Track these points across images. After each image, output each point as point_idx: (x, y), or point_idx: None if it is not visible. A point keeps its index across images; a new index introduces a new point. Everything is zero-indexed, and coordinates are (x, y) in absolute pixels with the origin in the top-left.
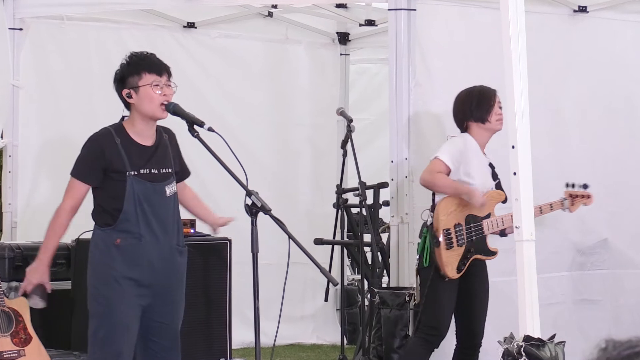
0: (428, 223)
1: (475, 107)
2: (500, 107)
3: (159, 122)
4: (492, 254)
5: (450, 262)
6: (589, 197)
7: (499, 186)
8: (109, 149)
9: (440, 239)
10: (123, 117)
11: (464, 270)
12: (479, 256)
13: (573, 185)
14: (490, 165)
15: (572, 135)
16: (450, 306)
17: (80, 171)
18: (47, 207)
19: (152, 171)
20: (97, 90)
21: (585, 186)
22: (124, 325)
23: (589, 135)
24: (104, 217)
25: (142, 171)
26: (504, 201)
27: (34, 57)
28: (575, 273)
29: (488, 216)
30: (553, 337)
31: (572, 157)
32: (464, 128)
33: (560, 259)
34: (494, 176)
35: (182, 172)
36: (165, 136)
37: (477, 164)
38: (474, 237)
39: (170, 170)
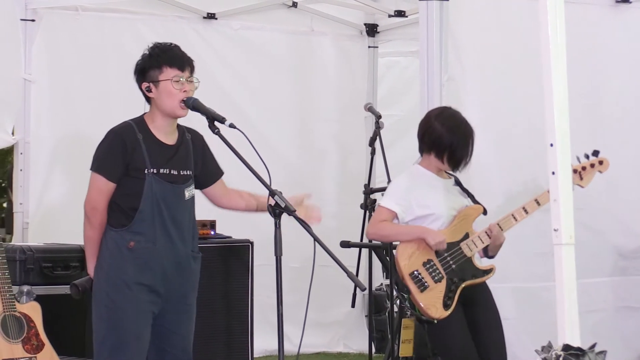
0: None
1: (451, 152)
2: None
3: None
4: (486, 273)
5: (431, 303)
6: (601, 162)
7: (474, 200)
8: (131, 144)
9: (409, 285)
10: (144, 112)
11: (454, 304)
12: (469, 282)
13: (588, 157)
14: (457, 182)
15: (612, 132)
16: (464, 336)
17: (103, 166)
18: (60, 207)
19: (172, 172)
20: (112, 84)
21: (595, 153)
22: (135, 333)
23: (630, 132)
24: (118, 216)
25: (162, 170)
26: (485, 213)
27: (46, 50)
28: (616, 278)
29: (467, 236)
30: (594, 346)
31: (612, 156)
32: (420, 153)
33: (601, 264)
34: (465, 192)
35: (212, 174)
36: (187, 136)
37: (434, 192)
38: (453, 266)
39: (190, 173)
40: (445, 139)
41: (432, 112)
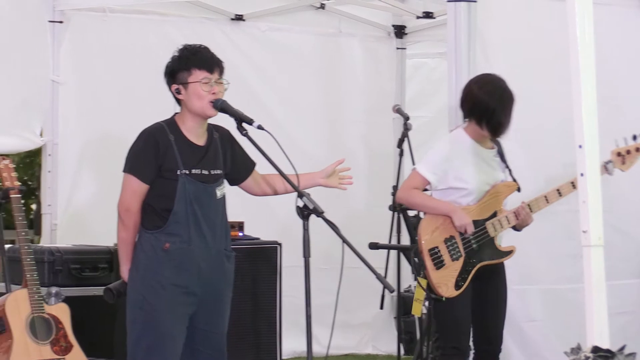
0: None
1: (488, 117)
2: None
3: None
4: (505, 254)
5: (443, 281)
6: None
7: (512, 177)
8: (164, 145)
9: (426, 260)
10: (175, 113)
11: (465, 284)
12: (486, 263)
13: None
14: (500, 153)
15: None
16: (465, 321)
17: (135, 167)
18: (88, 209)
19: (203, 172)
20: (140, 85)
21: (635, 137)
22: (170, 335)
23: None
24: (152, 218)
25: (193, 171)
26: (518, 190)
27: (74, 51)
28: None
29: (494, 215)
30: (623, 348)
31: None
32: (464, 120)
33: (630, 265)
34: (505, 165)
35: (244, 168)
36: (216, 135)
37: (472, 164)
38: (474, 246)
39: (220, 172)
40: (483, 103)
41: (473, 78)
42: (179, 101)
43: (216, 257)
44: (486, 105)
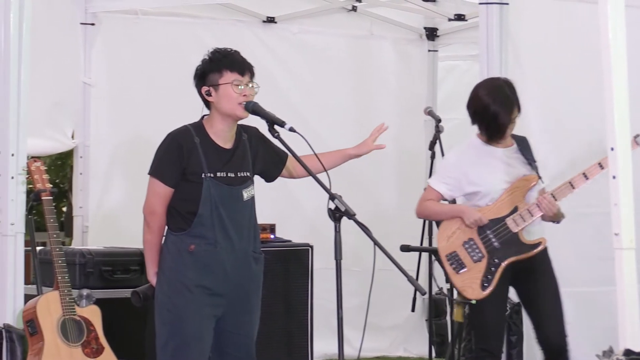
0: None
1: (487, 122)
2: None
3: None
4: (533, 247)
5: (467, 284)
6: None
7: (534, 170)
8: (188, 148)
9: (445, 266)
10: (203, 116)
11: (492, 285)
12: (513, 259)
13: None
14: (521, 148)
15: None
16: (496, 321)
17: (160, 170)
18: (120, 211)
19: (229, 174)
20: (171, 88)
21: None
22: (197, 336)
23: None
24: (177, 220)
25: (218, 174)
26: (539, 183)
27: (106, 54)
28: None
29: (515, 210)
30: None
31: None
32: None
33: None
34: (528, 160)
35: (277, 163)
36: (244, 136)
37: (483, 166)
38: (495, 244)
39: (248, 174)
40: (480, 109)
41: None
42: (207, 104)
43: (243, 259)
44: (483, 111)
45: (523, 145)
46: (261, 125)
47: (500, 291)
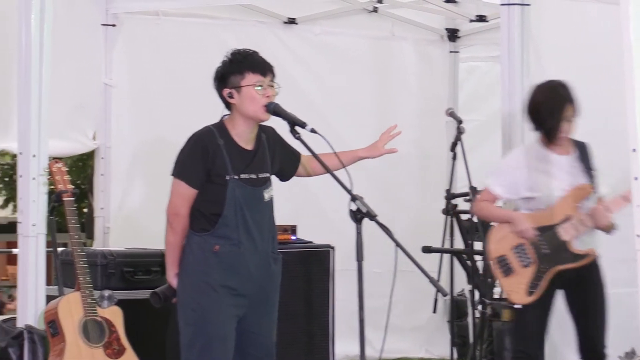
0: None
1: (540, 122)
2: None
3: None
4: (581, 258)
5: (514, 289)
6: None
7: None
8: (213, 150)
9: (494, 269)
10: (223, 116)
11: (539, 291)
12: (561, 267)
13: None
14: (583, 157)
15: None
16: (537, 326)
17: (185, 172)
18: (141, 212)
19: (251, 176)
20: (192, 89)
21: None
22: (222, 336)
23: None
24: (201, 221)
25: (242, 175)
26: (595, 192)
27: (127, 55)
28: None
29: (567, 219)
30: None
31: None
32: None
33: None
34: (588, 169)
35: (292, 162)
36: (263, 137)
37: (541, 172)
38: (545, 251)
39: (268, 175)
40: (532, 109)
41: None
42: (228, 105)
43: (264, 260)
44: (536, 110)
45: (583, 152)
46: (281, 126)
47: (545, 298)
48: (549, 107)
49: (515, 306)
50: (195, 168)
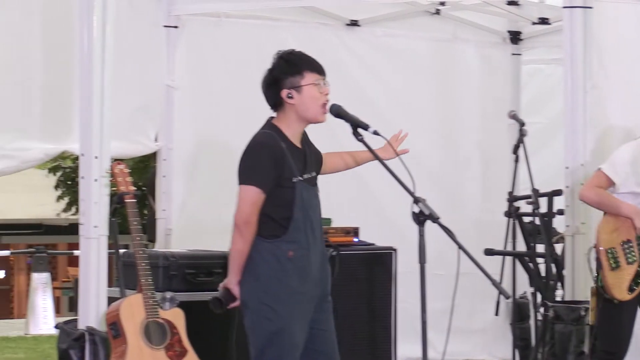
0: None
1: None
2: None
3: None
4: None
5: (617, 283)
6: None
7: None
8: (280, 155)
9: (603, 260)
10: (271, 118)
11: (638, 290)
12: None
13: None
14: None
15: None
16: (628, 328)
17: (255, 178)
18: (202, 213)
19: (310, 175)
20: (254, 91)
21: None
22: (296, 344)
23: None
24: (271, 227)
25: (304, 176)
26: None
27: (189, 56)
28: None
29: None
30: None
31: None
32: None
33: None
34: None
35: (320, 157)
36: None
37: None
38: None
39: (315, 173)
40: None
41: None
42: (279, 107)
43: (323, 259)
44: None
45: None
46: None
47: (638, 297)
48: None
49: (615, 301)
50: (267, 174)
